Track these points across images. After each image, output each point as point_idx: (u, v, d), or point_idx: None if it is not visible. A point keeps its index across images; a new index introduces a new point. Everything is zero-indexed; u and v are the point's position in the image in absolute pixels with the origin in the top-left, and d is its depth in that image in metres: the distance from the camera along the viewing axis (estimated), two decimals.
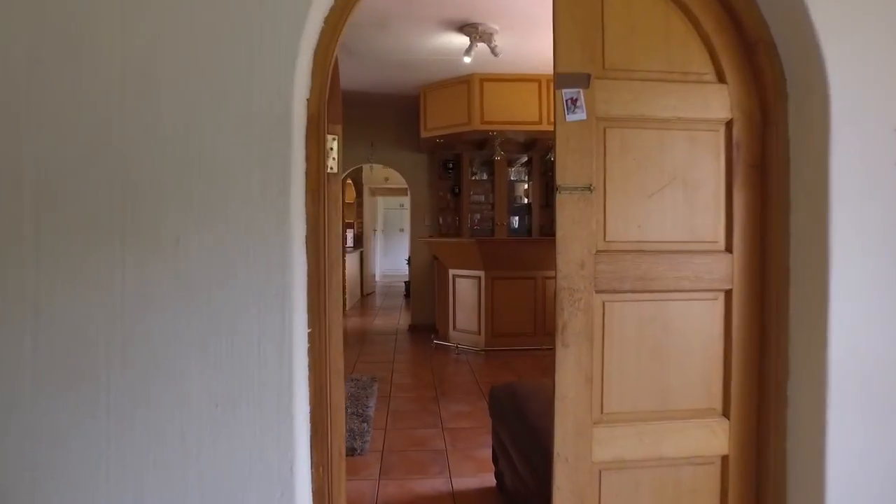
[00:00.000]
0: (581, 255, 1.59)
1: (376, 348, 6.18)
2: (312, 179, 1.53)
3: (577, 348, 1.60)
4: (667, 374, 1.62)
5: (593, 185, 1.59)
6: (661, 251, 1.62)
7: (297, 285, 1.42)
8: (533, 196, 7.27)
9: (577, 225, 1.59)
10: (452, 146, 6.84)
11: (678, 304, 1.63)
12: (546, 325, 5.87)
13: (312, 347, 1.53)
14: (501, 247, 5.78)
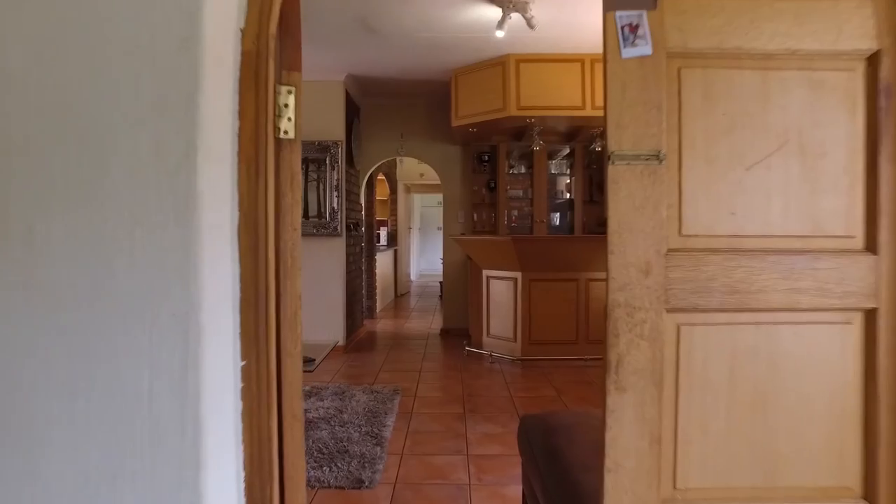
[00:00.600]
0: (645, 255, 1.07)
1: (404, 354, 5.72)
2: (248, 145, 1.06)
3: (638, 394, 1.08)
4: (774, 434, 1.09)
5: (663, 151, 1.06)
6: (766, 250, 1.08)
7: (212, 298, 0.95)
8: (575, 191, 6.68)
9: (638, 211, 1.07)
10: (487, 136, 6.32)
11: (792, 329, 1.09)
12: (590, 333, 5.30)
13: (248, 388, 1.06)
14: (539, 245, 5.23)
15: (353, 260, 6.30)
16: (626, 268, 1.06)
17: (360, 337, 6.57)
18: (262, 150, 1.07)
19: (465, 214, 6.81)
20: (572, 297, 5.31)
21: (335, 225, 5.68)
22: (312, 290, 5.76)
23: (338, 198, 5.68)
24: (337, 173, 5.67)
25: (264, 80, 1.07)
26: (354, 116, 6.25)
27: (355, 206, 6.47)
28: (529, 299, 5.28)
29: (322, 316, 5.77)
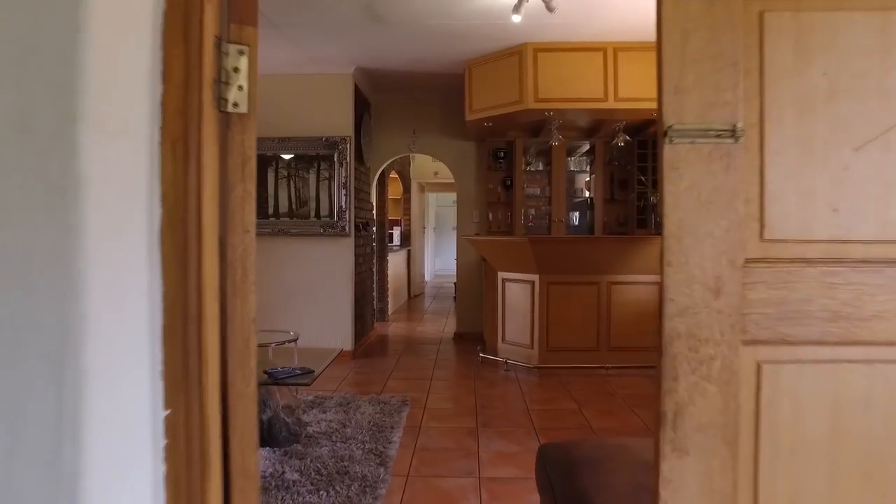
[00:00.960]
0: (714, 267, 0.79)
1: (414, 361, 5.45)
2: (175, 119, 0.78)
3: (704, 458, 0.79)
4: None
5: (740, 125, 0.77)
6: (884, 260, 0.78)
7: (110, 328, 0.68)
8: (595, 190, 6.36)
9: (706, 208, 0.78)
10: (503, 131, 6.02)
11: None
12: (611, 340, 4.99)
13: (174, 445, 0.78)
14: (558, 246, 4.93)
15: (362, 261, 6.04)
16: (689, 285, 0.78)
17: (370, 341, 6.31)
18: (196, 126, 0.80)
19: (480, 214, 6.52)
20: (593, 302, 4.99)
21: (343, 224, 5.42)
22: (318, 294, 5.51)
23: (346, 196, 5.42)
24: (345, 170, 5.41)
25: (197, 33, 0.80)
26: (364, 112, 5.99)
27: (365, 204, 6.22)
28: (547, 304, 4.98)
29: (329, 320, 5.52)
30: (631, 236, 4.82)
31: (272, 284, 5.54)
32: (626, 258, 4.86)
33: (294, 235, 5.51)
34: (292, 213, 5.53)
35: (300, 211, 5.52)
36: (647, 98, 4.71)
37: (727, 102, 0.76)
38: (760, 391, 0.78)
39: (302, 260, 5.52)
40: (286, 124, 5.50)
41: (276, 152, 5.54)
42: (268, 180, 5.63)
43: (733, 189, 0.77)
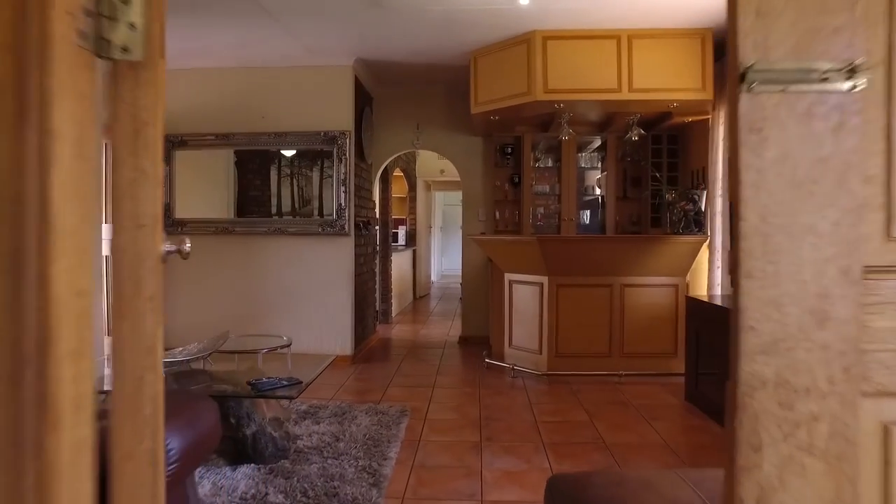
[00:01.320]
0: (818, 278, 0.53)
1: (417, 366, 5.19)
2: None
3: None
4: None
5: (861, 61, 0.50)
6: None
7: None
8: (607, 187, 6.07)
9: (805, 190, 0.52)
10: (510, 126, 5.75)
11: None
12: (624, 346, 4.71)
13: None
14: (569, 246, 4.65)
15: (363, 262, 5.80)
16: (780, 307, 0.51)
17: (371, 345, 6.06)
18: (38, 70, 0.54)
19: (487, 212, 6.25)
20: (605, 305, 4.71)
21: (342, 223, 5.17)
22: (316, 296, 5.27)
23: (345, 193, 5.17)
24: (345, 167, 5.16)
25: None
26: (366, 106, 5.75)
27: (367, 202, 5.97)
28: (557, 307, 4.70)
29: (327, 324, 5.28)
30: (646, 235, 4.55)
31: (267, 286, 5.30)
32: (641, 259, 4.58)
33: (291, 235, 5.27)
34: (295, 211, 5.30)
35: (303, 210, 5.29)
36: (664, 88, 4.43)
37: (839, 29, 0.50)
38: (891, 468, 0.51)
39: (299, 260, 5.28)
40: (283, 119, 5.26)
41: (273, 148, 5.30)
42: (270, 178, 5.40)
43: (846, 161, 0.50)
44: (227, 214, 5.37)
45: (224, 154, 5.40)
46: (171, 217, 5.34)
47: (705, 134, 5.12)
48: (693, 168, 5.50)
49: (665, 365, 4.68)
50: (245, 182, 5.41)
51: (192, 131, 5.31)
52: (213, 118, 5.32)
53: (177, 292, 5.40)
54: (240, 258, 5.34)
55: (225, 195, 5.48)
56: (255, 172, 5.38)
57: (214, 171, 5.51)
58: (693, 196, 4.75)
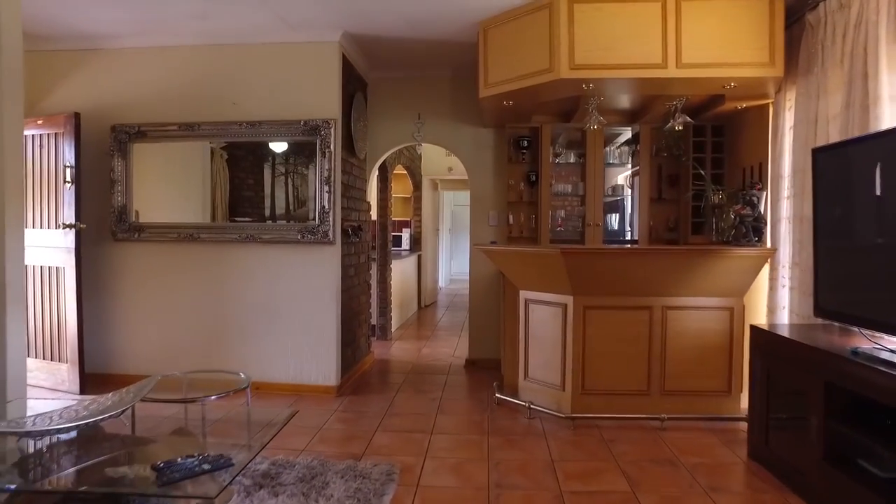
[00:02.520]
0: None
1: (414, 401, 4.35)
2: None
3: None
4: None
5: None
6: None
7: None
8: (641, 187, 5.18)
9: None
10: (526, 115, 4.88)
11: None
12: (666, 382, 3.84)
13: None
14: (600, 260, 3.78)
15: (354, 272, 4.97)
16: None
17: (363, 370, 5.23)
18: None
19: (499, 216, 5.40)
20: (643, 332, 3.84)
21: (325, 229, 4.34)
22: (294, 316, 4.45)
23: (329, 193, 4.34)
24: (329, 162, 4.33)
25: None
26: (357, 91, 4.92)
27: (359, 204, 5.14)
28: (584, 333, 3.84)
29: (307, 349, 4.45)
30: (699, 247, 3.67)
31: (238, 303, 4.49)
32: (690, 275, 3.70)
33: (266, 243, 4.45)
34: (289, 214, 4.49)
35: (298, 213, 4.47)
36: (720, 63, 3.56)
37: None
38: None
39: (275, 273, 4.46)
40: (257, 106, 4.44)
41: (245, 139, 4.48)
42: (264, 178, 4.60)
43: None
44: (202, 218, 4.56)
45: (196, 148, 4.60)
46: (127, 221, 4.54)
47: (762, 123, 4.23)
48: (744, 165, 4.60)
49: (716, 406, 3.81)
50: (236, 181, 4.60)
51: (151, 121, 4.51)
52: (176, 106, 4.52)
53: (129, 310, 4.61)
54: (206, 270, 4.53)
55: (199, 195, 4.68)
56: (247, 171, 4.60)
57: (186, 167, 4.70)
58: (752, 198, 3.86)
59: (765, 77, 3.56)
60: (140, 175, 4.59)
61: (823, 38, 3.25)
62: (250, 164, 4.63)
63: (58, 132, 4.26)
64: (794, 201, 3.62)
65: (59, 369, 4.29)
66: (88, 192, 4.51)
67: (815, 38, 3.31)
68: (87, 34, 4.43)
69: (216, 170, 4.66)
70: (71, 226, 4.20)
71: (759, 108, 4.26)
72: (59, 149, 4.26)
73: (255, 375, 4.47)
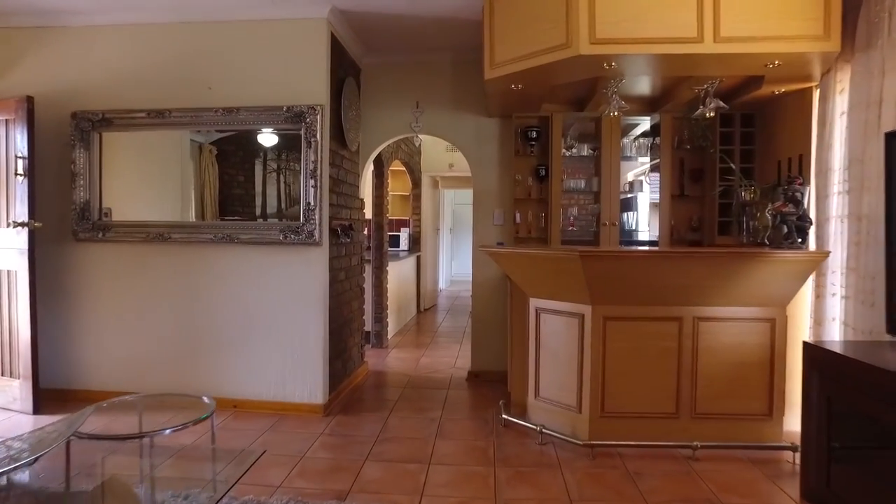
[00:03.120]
0: None
1: (410, 422, 3.87)
2: None
3: None
4: None
5: None
6: None
7: None
8: (661, 183, 4.70)
9: None
10: (536, 102, 4.40)
11: None
12: (697, 402, 3.36)
13: None
14: (626, 264, 3.29)
15: (345, 276, 4.49)
16: None
17: (354, 384, 4.75)
18: None
19: (504, 214, 4.92)
20: (672, 346, 3.36)
21: (311, 228, 3.86)
22: (275, 326, 3.97)
23: (315, 189, 3.86)
24: (315, 153, 3.85)
25: None
26: (349, 76, 4.44)
27: (350, 201, 4.66)
28: (604, 347, 3.36)
29: (291, 363, 3.97)
30: (742, 250, 3.19)
31: (213, 311, 4.02)
32: (727, 282, 3.22)
33: (244, 244, 3.97)
34: (281, 213, 4.02)
35: (290, 211, 4.00)
36: (765, 37, 3.07)
37: None
38: None
39: (255, 278, 3.98)
40: (234, 90, 3.96)
41: (222, 128, 4.00)
42: (255, 175, 4.13)
43: None
44: (181, 216, 4.08)
45: (173, 139, 4.13)
46: (91, 219, 4.06)
47: (803, 109, 3.76)
48: (779, 158, 4.12)
49: (756, 432, 3.33)
50: (226, 178, 4.14)
51: (116, 107, 4.03)
52: (145, 90, 4.04)
53: (92, 318, 4.13)
54: (179, 274, 4.05)
55: (176, 192, 4.20)
56: (237, 167, 4.14)
57: (163, 161, 4.23)
58: (795, 193, 3.38)
59: (817, 53, 3.07)
60: (112, 169, 4.13)
61: (892, 6, 2.76)
62: (240, 161, 4.18)
63: (8, 118, 3.78)
64: (849, 197, 3.14)
65: (10, 385, 3.81)
66: (47, 187, 4.04)
67: (881, 5, 2.83)
68: (44, 9, 3.95)
69: (205, 166, 4.21)
70: (23, 224, 3.72)
71: (800, 93, 3.78)
72: (10, 137, 3.77)
73: (233, 392, 4.00)
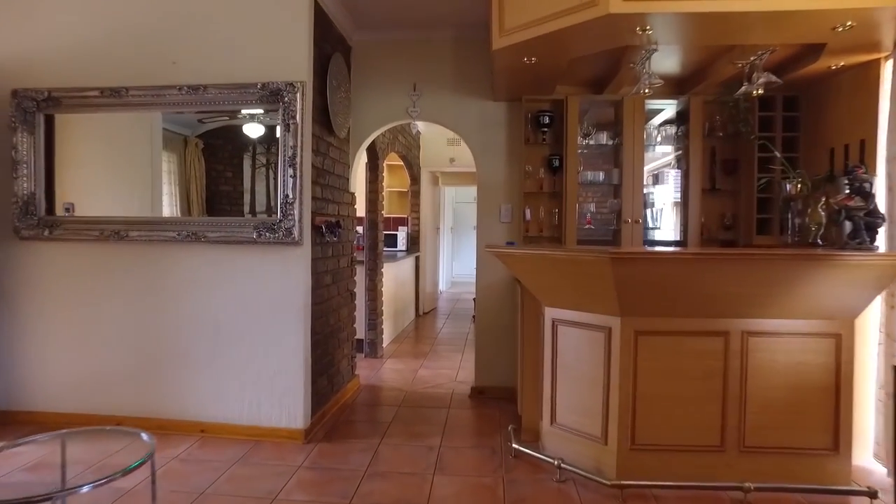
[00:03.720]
0: None
1: (404, 451, 3.32)
2: None
3: None
4: None
5: None
6: None
7: None
8: (691, 175, 4.15)
9: None
10: (549, 82, 3.84)
11: None
12: (746, 434, 2.81)
13: None
14: (662, 268, 2.74)
15: (332, 280, 3.94)
16: None
17: (344, 401, 4.20)
18: None
19: (513, 210, 4.37)
20: (716, 366, 2.82)
21: (289, 225, 3.32)
22: (250, 338, 3.43)
23: (294, 179, 3.31)
24: (294, 137, 3.30)
25: None
26: (336, 52, 3.89)
27: (338, 195, 4.11)
28: (635, 367, 2.82)
29: (266, 381, 3.43)
30: (805, 252, 2.63)
31: (177, 321, 3.47)
32: (784, 290, 2.67)
33: (211, 243, 3.43)
34: (270, 209, 3.47)
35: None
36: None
37: None
38: None
39: (223, 282, 3.44)
40: (202, 65, 3.41)
41: (188, 110, 3.46)
42: (244, 170, 3.60)
43: None
44: (150, 213, 3.54)
45: (141, 124, 3.60)
46: (36, 215, 3.52)
47: (866, 86, 3.22)
48: (832, 144, 3.58)
49: (818, 470, 2.78)
50: (213, 174, 3.61)
51: (65, 84, 3.49)
52: (99, 65, 3.50)
53: (39, 329, 3.58)
54: (139, 278, 3.51)
55: (145, 185, 3.67)
56: (225, 162, 3.61)
57: (130, 148, 3.69)
58: (864, 185, 2.82)
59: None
60: (74, 159, 3.60)
61: None
62: (229, 155, 3.66)
63: None
64: None
65: None
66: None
67: None
68: None
69: (190, 161, 3.69)
70: None
71: (863, 68, 3.24)
72: None
73: (200, 414, 3.46)
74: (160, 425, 3.46)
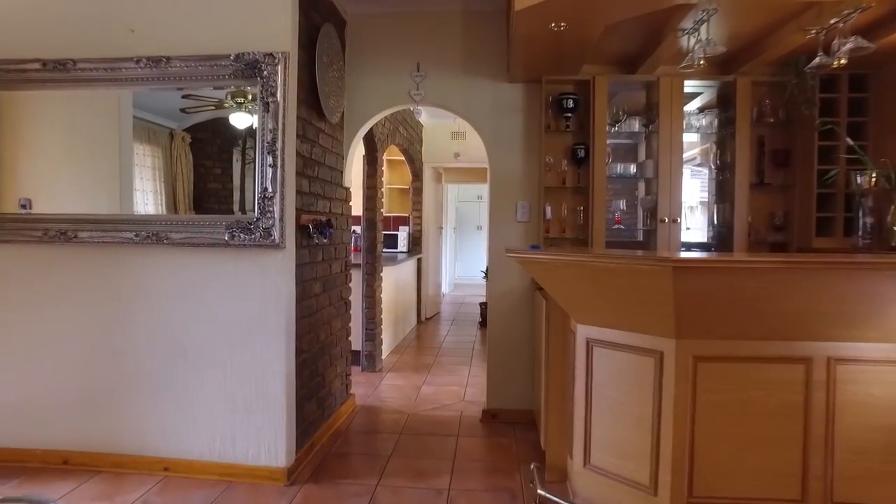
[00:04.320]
0: None
1: (404, 498, 2.76)
2: None
3: None
4: None
5: None
6: None
7: None
8: (738, 168, 3.58)
9: None
10: (574, 59, 3.28)
11: None
12: (835, 485, 2.25)
13: None
14: (734, 278, 2.17)
15: (321, 289, 3.39)
16: None
17: (336, 427, 3.64)
18: None
19: (531, 208, 3.81)
20: (795, 400, 2.26)
21: (268, 225, 2.76)
22: (223, 359, 2.87)
23: (274, 169, 2.75)
24: (274, 119, 2.74)
25: None
26: (328, 23, 3.33)
27: (330, 189, 3.56)
28: (693, 399, 2.26)
29: (242, 411, 2.86)
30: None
31: (136, 339, 2.91)
32: (880, 307, 2.11)
33: (176, 245, 2.87)
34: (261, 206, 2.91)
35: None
36: None
37: None
38: None
39: (190, 292, 2.88)
40: (164, 34, 2.86)
41: (148, 86, 2.90)
42: (233, 166, 3.06)
43: None
44: (117, 209, 2.99)
45: (106, 110, 3.07)
46: None
47: None
48: None
49: None
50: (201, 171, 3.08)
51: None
52: (40, 33, 2.94)
53: None
54: (91, 287, 2.95)
55: (112, 179, 3.12)
56: (213, 158, 3.09)
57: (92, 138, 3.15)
58: None
59: None
60: (30, 149, 3.05)
61: None
62: (218, 150, 3.12)
63: None
64: None
65: None
66: None
67: None
68: None
69: (177, 156, 3.15)
70: None
71: None
72: None
73: (163, 449, 2.90)
74: (116, 462, 2.91)
